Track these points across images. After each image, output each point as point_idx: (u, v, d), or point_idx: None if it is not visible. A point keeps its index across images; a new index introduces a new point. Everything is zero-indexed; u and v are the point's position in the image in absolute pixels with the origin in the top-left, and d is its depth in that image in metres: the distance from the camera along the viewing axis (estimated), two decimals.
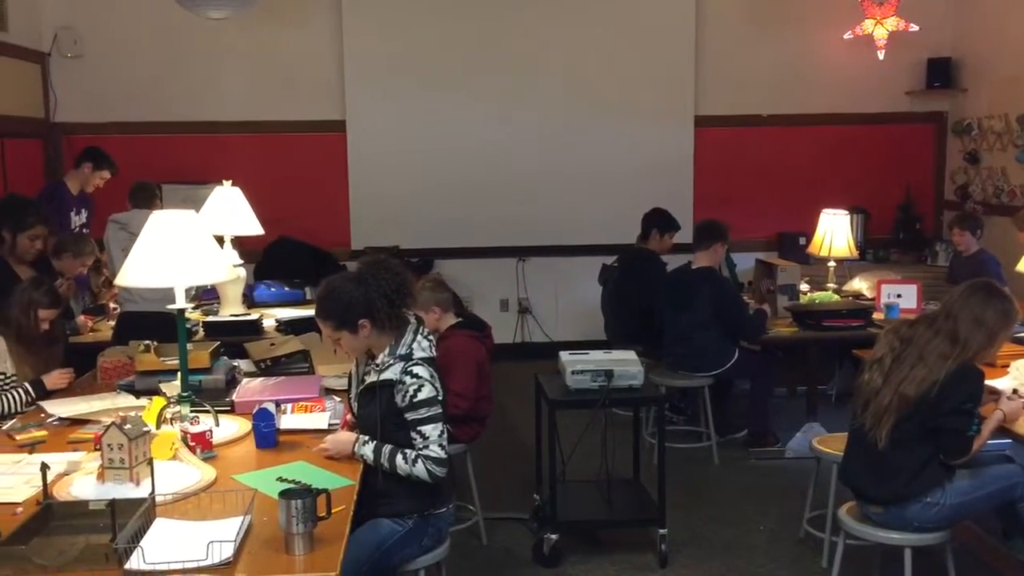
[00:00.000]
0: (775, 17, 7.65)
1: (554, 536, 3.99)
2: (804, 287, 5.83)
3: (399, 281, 2.92)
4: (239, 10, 5.65)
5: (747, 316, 5.26)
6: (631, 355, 4.17)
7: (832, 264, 5.95)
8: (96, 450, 2.80)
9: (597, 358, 4.11)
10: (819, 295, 5.74)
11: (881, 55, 7.19)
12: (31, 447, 3.04)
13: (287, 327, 4.87)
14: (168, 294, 4.54)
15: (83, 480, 2.66)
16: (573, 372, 4.01)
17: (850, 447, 3.37)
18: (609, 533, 4.32)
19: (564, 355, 4.18)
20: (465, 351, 3.98)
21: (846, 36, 7.30)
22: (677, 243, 6.11)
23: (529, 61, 7.50)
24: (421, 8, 7.41)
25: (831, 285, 5.88)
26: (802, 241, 7.23)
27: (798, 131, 7.80)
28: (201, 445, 2.94)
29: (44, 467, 2.44)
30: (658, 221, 6.03)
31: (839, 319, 5.27)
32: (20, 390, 3.63)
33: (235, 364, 3.88)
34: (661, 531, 4.02)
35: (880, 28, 7.10)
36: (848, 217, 6.08)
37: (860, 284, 6.11)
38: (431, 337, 3.01)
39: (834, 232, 5.97)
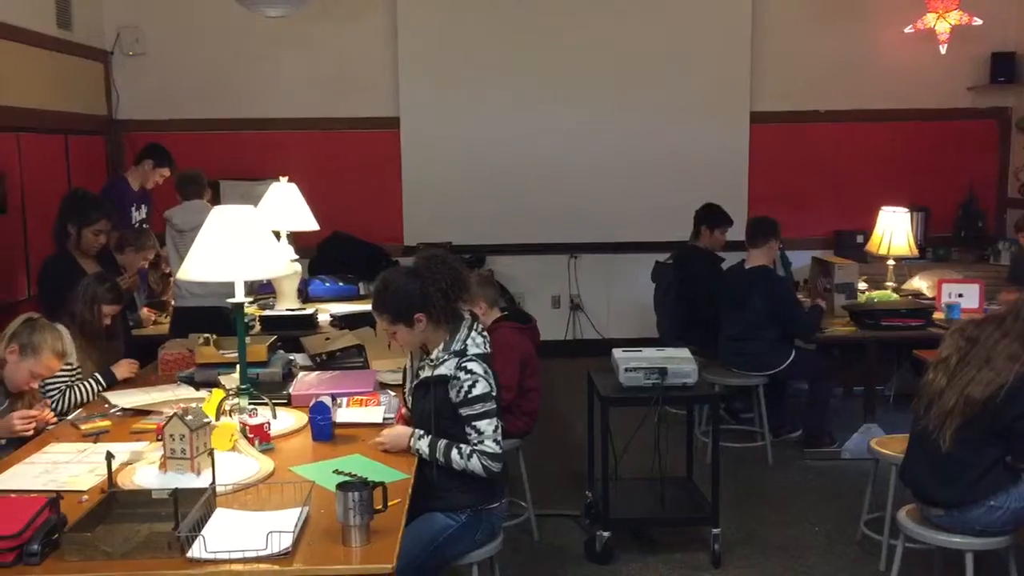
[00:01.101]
0: (834, 10, 7.52)
1: (606, 533, 3.98)
2: (862, 286, 5.74)
3: (455, 276, 2.93)
4: (296, 8, 5.71)
5: (801, 314, 5.19)
6: (685, 353, 4.14)
7: (891, 262, 5.84)
8: (158, 440, 2.85)
9: (651, 355, 4.09)
10: (877, 294, 5.65)
11: (943, 49, 7.03)
12: (95, 437, 3.11)
13: (341, 322, 4.92)
14: (218, 289, 4.64)
15: (146, 469, 2.72)
16: (626, 369, 3.99)
17: (912, 448, 3.30)
18: (661, 532, 4.30)
19: (617, 352, 4.16)
20: (508, 343, 3.97)
21: (907, 30, 7.15)
22: (732, 240, 6.04)
23: (582, 56, 7.47)
24: (474, 5, 7.42)
25: (890, 284, 5.78)
26: (860, 239, 7.10)
27: (857, 127, 7.67)
28: (259, 437, 2.98)
29: (109, 456, 2.50)
30: (706, 217, 5.97)
31: (898, 318, 5.17)
32: (91, 380, 3.73)
33: (291, 358, 3.93)
34: (715, 531, 3.98)
35: (942, 22, 6.95)
36: (908, 215, 5.97)
37: (920, 283, 6.00)
38: (485, 333, 3.02)
39: (893, 230, 5.86)
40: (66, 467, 2.79)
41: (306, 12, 6.27)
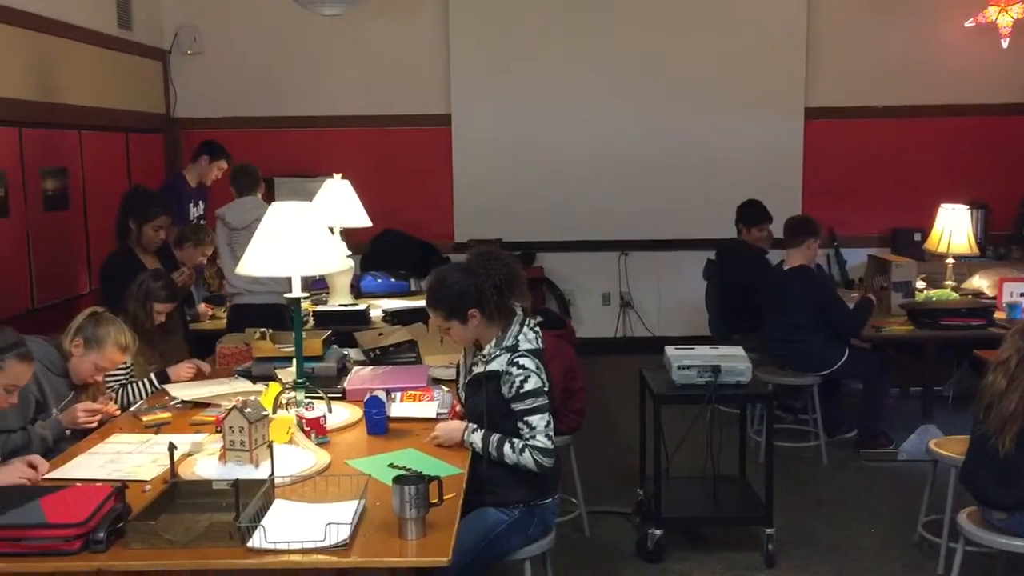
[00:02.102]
0: (892, 4, 7.38)
1: (658, 532, 3.96)
2: (920, 284, 5.64)
3: (508, 272, 2.94)
4: (351, 5, 5.77)
5: (845, 313, 5.09)
6: (739, 351, 4.10)
7: (950, 261, 5.72)
8: (217, 432, 2.90)
9: (704, 353, 4.06)
10: (936, 293, 5.54)
11: (1005, 43, 6.87)
12: (157, 428, 3.18)
13: (393, 317, 4.96)
14: (273, 286, 4.71)
15: (206, 461, 2.77)
16: (679, 367, 3.97)
17: (972, 451, 3.24)
18: (714, 531, 4.27)
19: (670, 350, 4.13)
20: (550, 349, 3.94)
21: (967, 24, 7.00)
22: (781, 237, 5.96)
23: (633, 52, 7.43)
24: (526, 2, 7.43)
25: (949, 283, 5.66)
26: (917, 237, 6.98)
27: (915, 123, 7.52)
28: (315, 430, 3.02)
29: (171, 447, 2.55)
30: (743, 214, 5.91)
31: (958, 318, 5.07)
32: (145, 380, 3.80)
33: (345, 353, 3.97)
34: (768, 530, 3.94)
35: (1004, 15, 6.78)
36: (968, 212, 5.84)
37: (980, 282, 5.86)
38: (537, 329, 3.02)
39: (953, 227, 5.74)
40: (129, 457, 2.86)
41: (359, 10, 6.33)
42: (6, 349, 2.76)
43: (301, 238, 3.11)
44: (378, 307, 5.27)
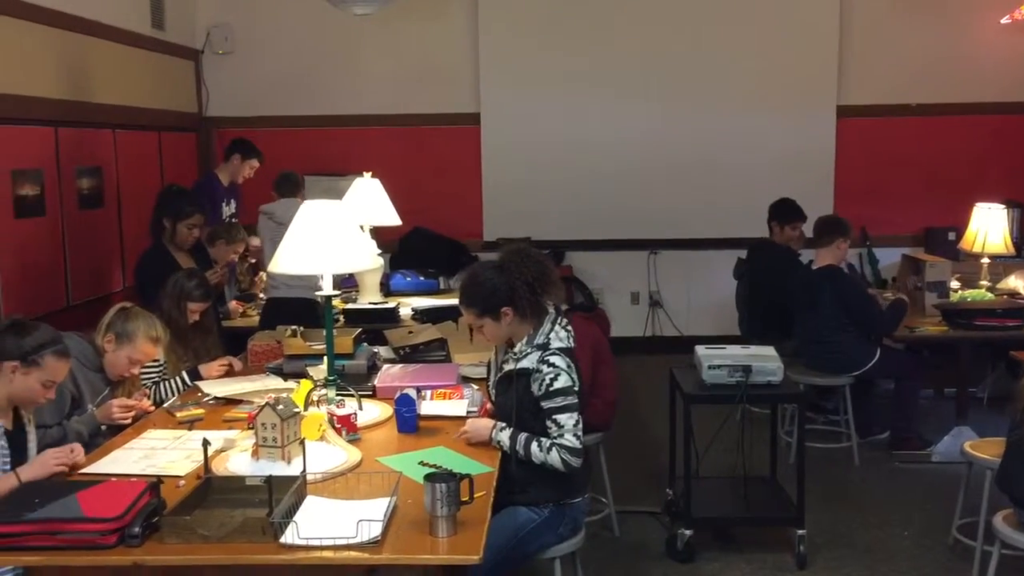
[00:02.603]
0: (926, 0, 7.30)
1: (688, 532, 3.94)
2: (954, 284, 5.57)
3: (541, 269, 2.94)
4: (383, 5, 5.79)
5: (875, 312, 5.04)
6: (770, 351, 4.07)
7: (986, 261, 5.65)
8: (250, 429, 2.92)
9: (735, 353, 4.03)
10: (971, 293, 5.47)
11: None
12: (190, 424, 3.21)
13: (423, 316, 4.98)
14: (309, 281, 4.74)
15: (238, 457, 2.79)
16: (710, 367, 3.94)
17: (1009, 454, 3.19)
18: (744, 531, 4.24)
19: (700, 349, 4.11)
20: (575, 329, 3.92)
21: (1003, 20, 6.91)
22: (810, 237, 5.92)
23: (663, 50, 7.40)
24: (555, 1, 7.42)
25: (984, 283, 5.59)
26: (951, 236, 6.90)
27: (949, 121, 7.42)
28: (346, 427, 3.03)
29: (206, 443, 2.57)
30: (776, 212, 5.87)
31: (993, 318, 5.01)
32: (178, 379, 3.83)
33: (375, 350, 3.99)
34: (800, 532, 3.91)
35: None
36: (1004, 211, 5.76)
37: (1016, 282, 5.78)
38: (569, 328, 3.02)
39: (988, 227, 5.67)
40: (163, 453, 2.89)
41: (390, 10, 6.35)
42: (44, 346, 2.79)
43: (333, 236, 3.13)
44: (407, 305, 5.29)
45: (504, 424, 2.94)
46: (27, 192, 4.94)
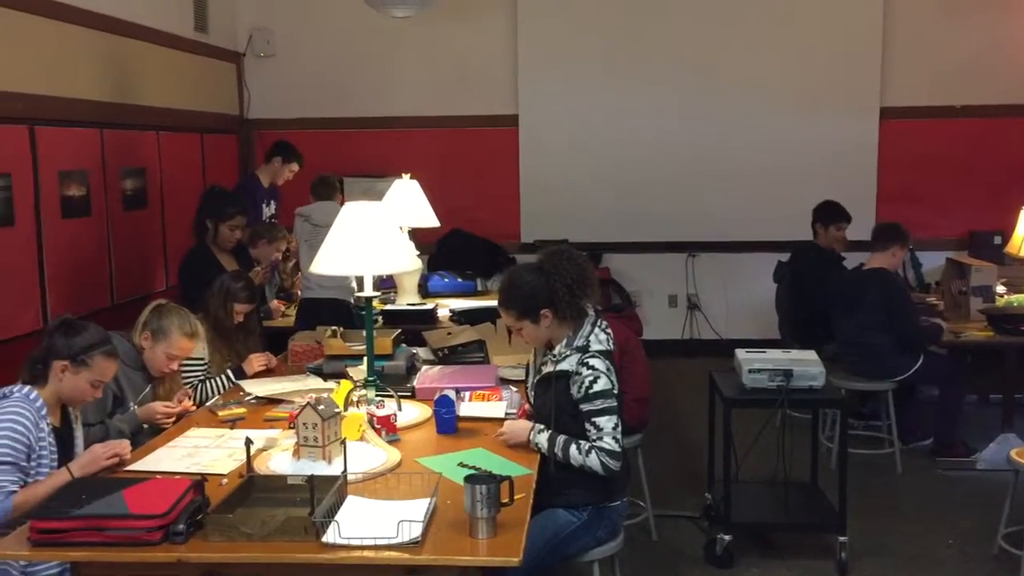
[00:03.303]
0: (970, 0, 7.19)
1: (727, 537, 3.91)
2: (1000, 289, 5.47)
3: (580, 272, 2.93)
4: (423, 8, 5.81)
5: (914, 323, 4.96)
6: (812, 355, 4.03)
7: None
8: (291, 428, 2.95)
9: (775, 357, 3.99)
10: (1018, 297, 5.38)
11: None
12: (232, 423, 3.24)
13: (461, 317, 4.99)
14: (343, 282, 4.78)
15: (279, 456, 2.81)
16: (750, 370, 3.91)
17: None
18: (783, 537, 4.20)
19: (741, 353, 4.08)
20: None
21: None
22: (856, 239, 5.85)
23: (702, 52, 7.35)
24: (594, 3, 7.40)
25: None
26: (997, 240, 6.78)
27: (995, 123, 7.29)
28: (386, 428, 3.04)
29: (248, 442, 2.59)
30: (820, 214, 5.81)
31: None
32: (221, 377, 3.88)
33: (414, 351, 4.00)
34: (841, 538, 3.86)
35: None
36: None
37: None
38: (608, 330, 3.01)
39: None
40: (206, 451, 2.92)
41: (429, 12, 6.38)
42: (94, 346, 2.84)
43: (374, 238, 3.14)
44: (445, 307, 5.30)
45: (542, 426, 2.94)
46: (73, 193, 5.02)
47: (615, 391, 2.90)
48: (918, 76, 7.28)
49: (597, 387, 2.86)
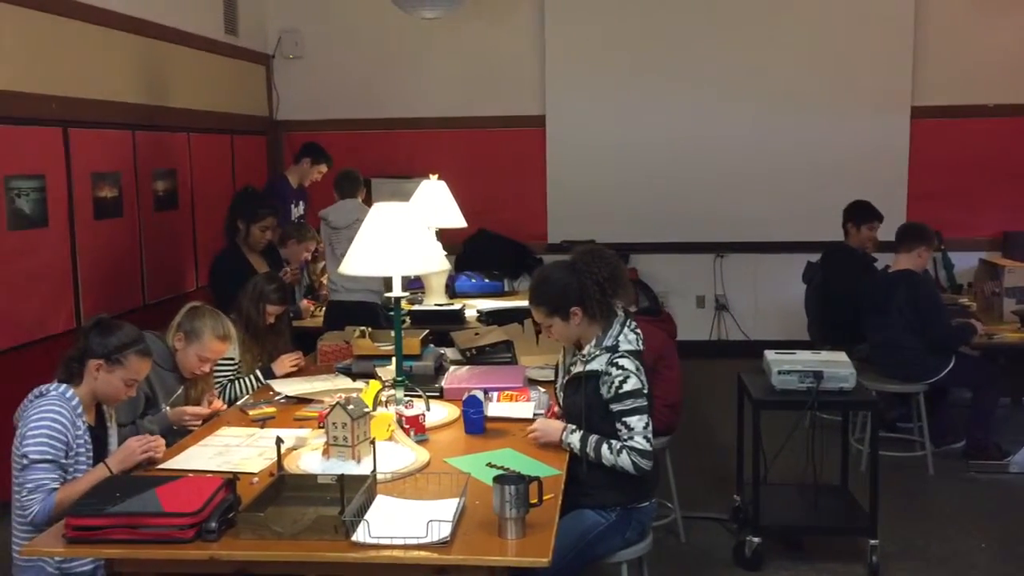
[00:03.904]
0: None
1: (756, 539, 3.89)
2: None
3: (612, 271, 2.93)
4: (450, 9, 5.83)
5: (945, 324, 4.90)
6: (842, 356, 3.99)
7: None
8: (320, 428, 2.97)
9: (805, 358, 3.96)
10: None
11: None
12: (262, 423, 3.27)
13: (488, 317, 4.99)
14: (369, 284, 4.79)
15: (309, 455, 2.83)
16: (779, 372, 3.88)
17: None
18: (813, 540, 4.16)
19: (770, 354, 4.05)
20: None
21: None
22: (886, 240, 5.79)
23: (732, 50, 7.32)
24: (622, 3, 7.39)
25: None
26: None
27: None
28: (415, 428, 3.05)
29: (279, 441, 2.61)
30: (851, 213, 5.75)
31: None
32: (252, 377, 3.91)
33: (442, 352, 4.01)
34: (872, 542, 3.83)
35: None
36: None
37: None
38: (638, 331, 3.00)
39: None
40: (237, 450, 2.95)
41: (456, 13, 6.40)
42: (128, 345, 2.87)
43: (403, 238, 3.15)
44: (473, 307, 5.31)
45: (574, 427, 2.93)
46: (106, 194, 5.09)
47: (645, 391, 2.89)
48: (950, 75, 7.21)
49: (627, 387, 2.85)
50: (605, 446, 2.85)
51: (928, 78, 7.22)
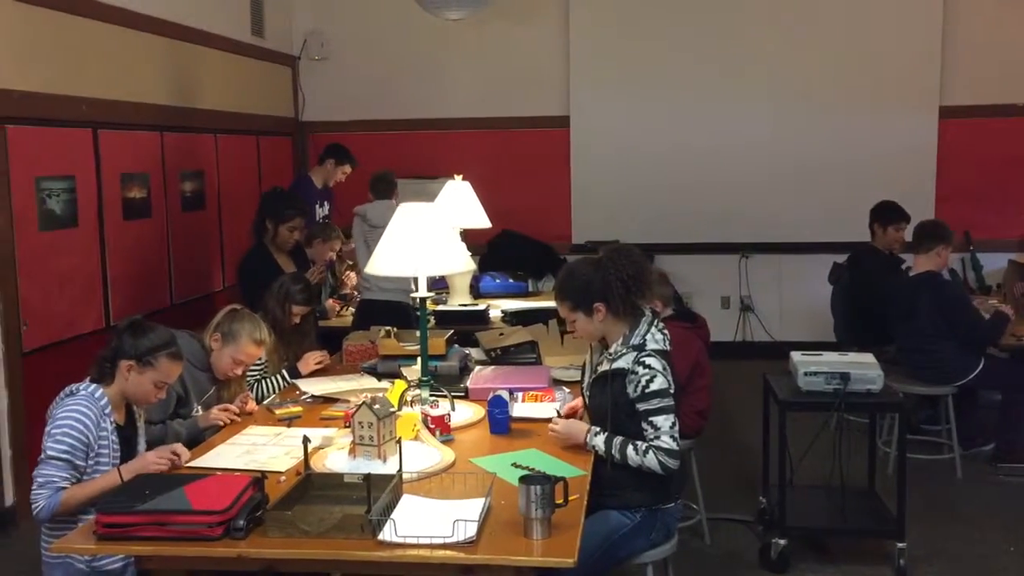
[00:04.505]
0: None
1: (782, 541, 3.86)
2: None
3: (637, 268, 2.92)
4: (475, 10, 5.84)
5: (976, 321, 4.85)
6: (869, 358, 3.96)
7: None
8: (346, 427, 2.98)
9: (832, 359, 3.94)
10: None
11: None
12: (289, 422, 3.29)
13: (512, 318, 5.00)
14: (402, 284, 4.80)
15: (336, 454, 2.85)
16: (806, 373, 3.86)
17: None
18: (840, 542, 4.14)
19: (796, 355, 4.03)
20: (676, 341, 3.89)
21: None
22: (910, 241, 5.74)
23: (757, 51, 7.29)
24: (647, 4, 7.37)
25: None
26: None
27: None
28: (440, 428, 3.06)
29: (306, 440, 2.63)
30: (878, 214, 5.70)
31: None
32: (278, 376, 3.94)
33: (467, 352, 4.02)
34: (900, 545, 3.79)
35: None
36: None
37: None
38: (665, 331, 2.99)
39: None
40: (264, 449, 2.97)
41: (480, 13, 6.41)
42: (159, 348, 2.89)
43: (429, 239, 3.16)
44: (497, 307, 5.32)
45: (598, 428, 2.93)
46: (135, 195, 5.14)
47: (671, 390, 2.88)
48: (978, 74, 7.14)
49: (654, 386, 2.84)
50: (631, 447, 2.84)
51: (957, 77, 7.15)
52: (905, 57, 7.15)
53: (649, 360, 2.86)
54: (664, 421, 2.84)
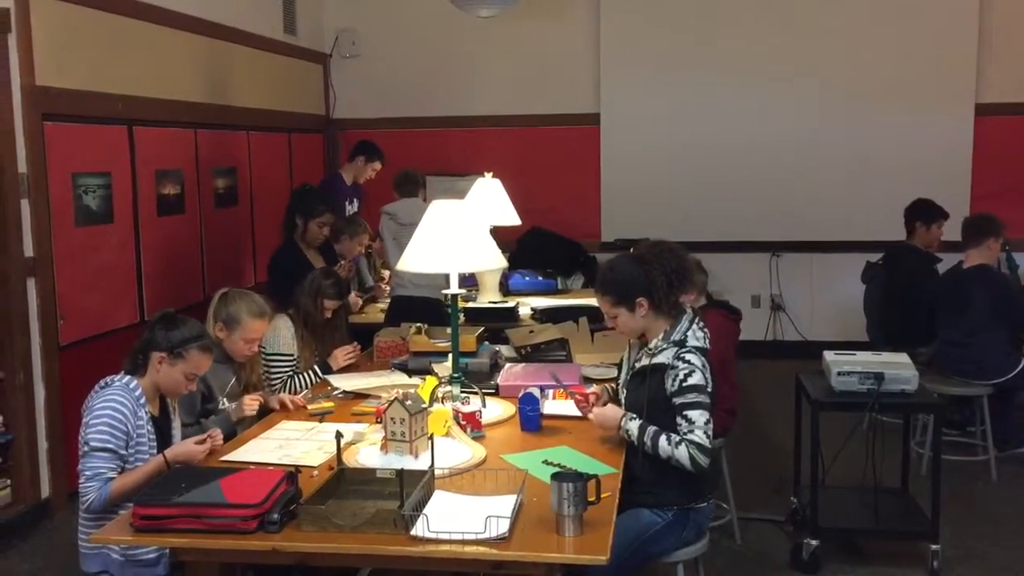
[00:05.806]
0: None
1: (814, 542, 3.84)
2: None
3: (679, 264, 2.92)
4: (506, 7, 5.84)
5: None
6: (904, 358, 3.92)
7: None
8: (378, 423, 3.00)
9: (865, 359, 3.91)
10: None
11: None
12: (321, 417, 3.31)
13: (542, 315, 5.00)
14: (435, 280, 4.82)
15: (368, 450, 2.86)
16: (839, 373, 3.83)
17: None
18: (872, 544, 4.10)
19: (829, 355, 4.00)
20: (718, 327, 3.85)
21: None
22: (946, 240, 5.68)
23: (789, 48, 7.23)
24: (677, 1, 7.33)
25: None
26: None
27: None
28: (471, 424, 3.07)
29: (339, 435, 2.64)
30: (920, 212, 5.65)
31: None
32: (310, 372, 3.96)
33: (497, 349, 4.03)
34: (933, 547, 3.76)
35: None
36: None
37: None
38: (706, 330, 2.98)
39: None
40: (297, 444, 2.99)
41: (511, 11, 6.41)
42: (190, 340, 2.92)
43: (461, 236, 3.17)
44: (526, 304, 5.32)
45: (634, 414, 2.91)
46: (169, 191, 5.19)
47: (709, 388, 2.87)
48: (1015, 71, 7.03)
49: (691, 380, 2.83)
50: (663, 437, 2.82)
51: (993, 75, 7.05)
52: (941, 54, 7.06)
53: (689, 356, 2.85)
54: (699, 416, 2.82)
